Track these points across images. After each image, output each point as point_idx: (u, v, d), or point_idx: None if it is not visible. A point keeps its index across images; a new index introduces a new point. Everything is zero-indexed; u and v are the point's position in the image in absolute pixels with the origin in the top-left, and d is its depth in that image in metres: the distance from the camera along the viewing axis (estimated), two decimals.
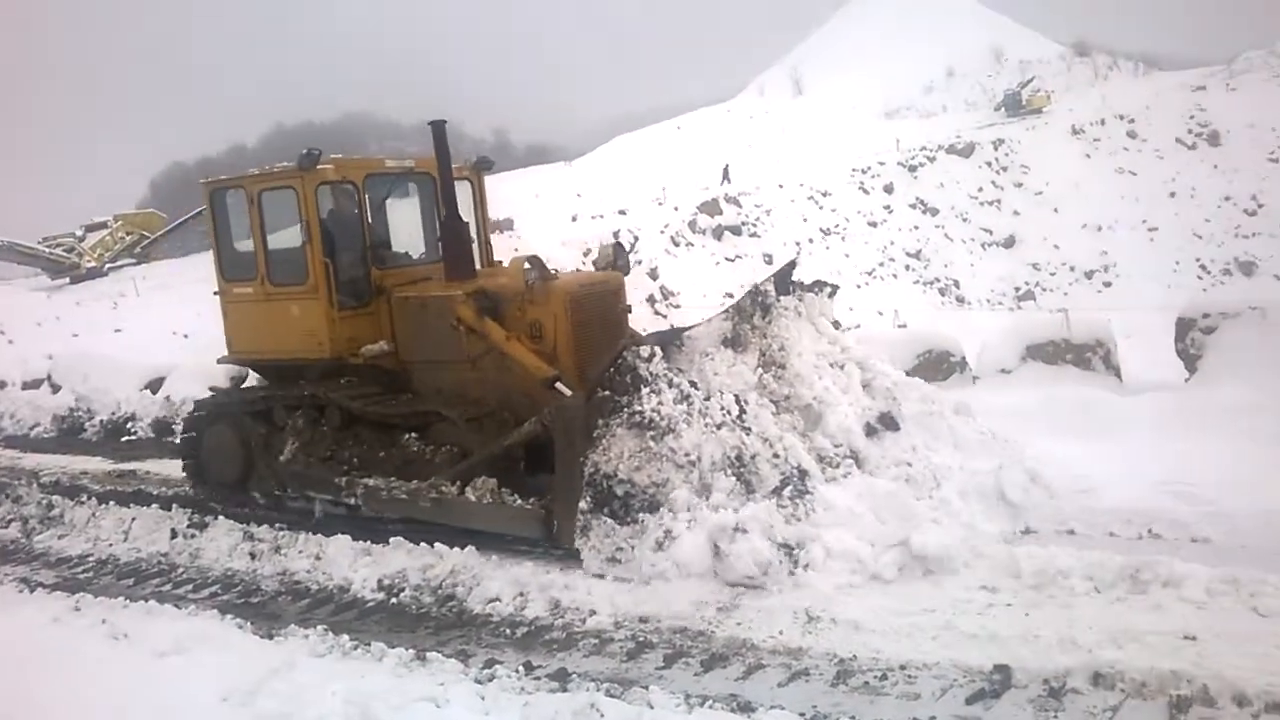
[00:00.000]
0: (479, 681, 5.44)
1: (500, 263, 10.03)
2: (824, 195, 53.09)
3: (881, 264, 50.44)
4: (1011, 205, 54.77)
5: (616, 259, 9.17)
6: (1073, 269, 50.90)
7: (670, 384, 6.94)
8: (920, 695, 4.88)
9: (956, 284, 50.26)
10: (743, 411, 7.15)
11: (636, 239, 41.61)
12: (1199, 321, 9.77)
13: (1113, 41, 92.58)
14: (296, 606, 7.11)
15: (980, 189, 55.42)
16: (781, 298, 8.01)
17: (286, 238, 9.39)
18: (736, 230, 47.51)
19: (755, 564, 6.13)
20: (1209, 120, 57.88)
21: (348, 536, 7.92)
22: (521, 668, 5.61)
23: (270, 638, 6.26)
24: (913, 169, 56.24)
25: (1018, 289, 50.35)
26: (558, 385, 7.74)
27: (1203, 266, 49.46)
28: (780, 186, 52.15)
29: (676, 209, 47.57)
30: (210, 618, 6.74)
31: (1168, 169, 55.38)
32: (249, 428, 9.41)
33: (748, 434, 7.03)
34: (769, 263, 41.28)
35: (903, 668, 5.13)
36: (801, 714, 4.77)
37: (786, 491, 6.80)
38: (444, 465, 8.01)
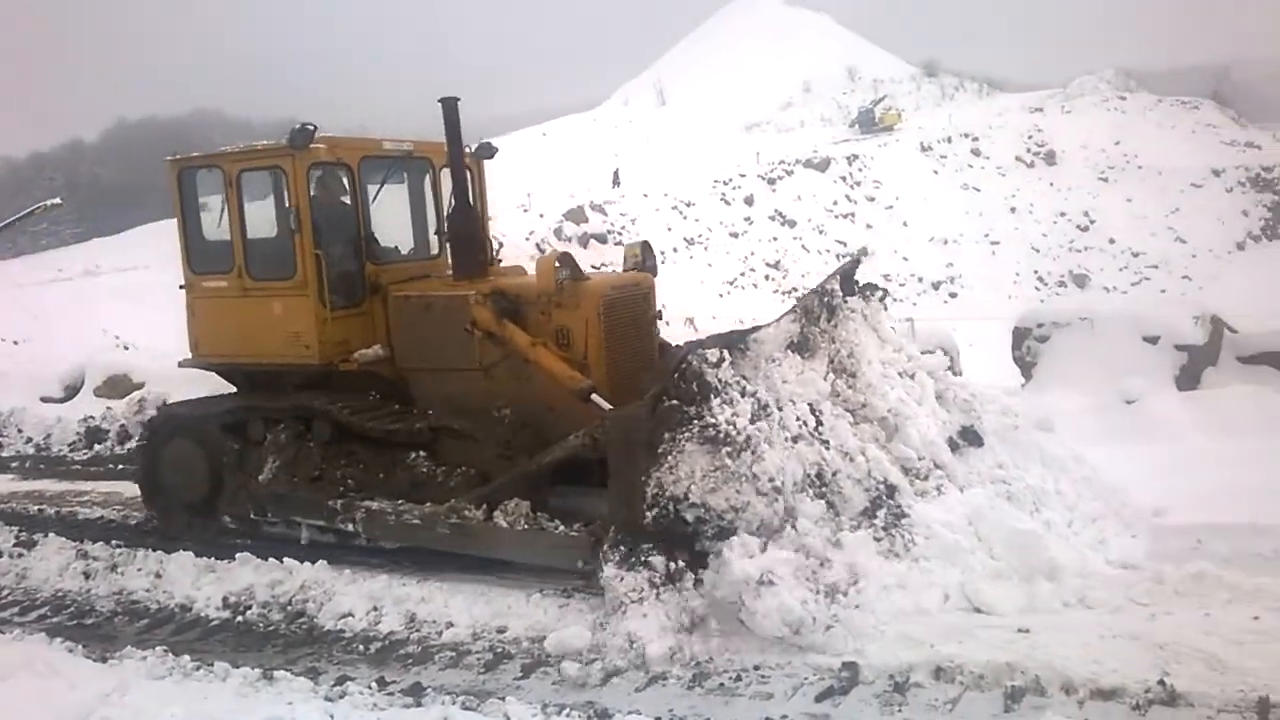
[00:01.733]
0: (329, 699, 5.27)
1: (499, 262, 9.03)
2: (687, 205, 53.92)
3: (742, 273, 51.53)
4: (865, 218, 56.76)
5: (645, 259, 8.26)
6: (921, 280, 53.04)
7: (744, 393, 6.09)
8: (773, 695, 4.99)
9: None
10: (819, 423, 6.39)
11: (500, 244, 41.21)
12: (1034, 330, 10.36)
13: (959, 64, 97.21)
14: (134, 627, 6.74)
15: (835, 202, 57.24)
16: (848, 299, 7.30)
17: (269, 226, 8.33)
18: (602, 238, 47.71)
19: (785, 623, 5.32)
20: (1046, 140, 61.38)
21: (190, 553, 7.57)
22: (374, 684, 5.46)
23: (104, 660, 5.94)
24: (771, 182, 57.67)
25: None
26: (593, 398, 6.98)
27: (1040, 279, 52.32)
28: (645, 195, 52.71)
29: (542, 216, 47.49)
30: (37, 641, 6.32)
31: (1008, 186, 58.43)
32: (219, 443, 8.28)
33: (826, 448, 6.28)
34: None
35: (756, 668, 5.24)
36: (658, 718, 4.80)
37: (880, 516, 6.11)
38: (461, 487, 7.14)
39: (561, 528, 6.63)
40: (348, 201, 8.33)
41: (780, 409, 6.20)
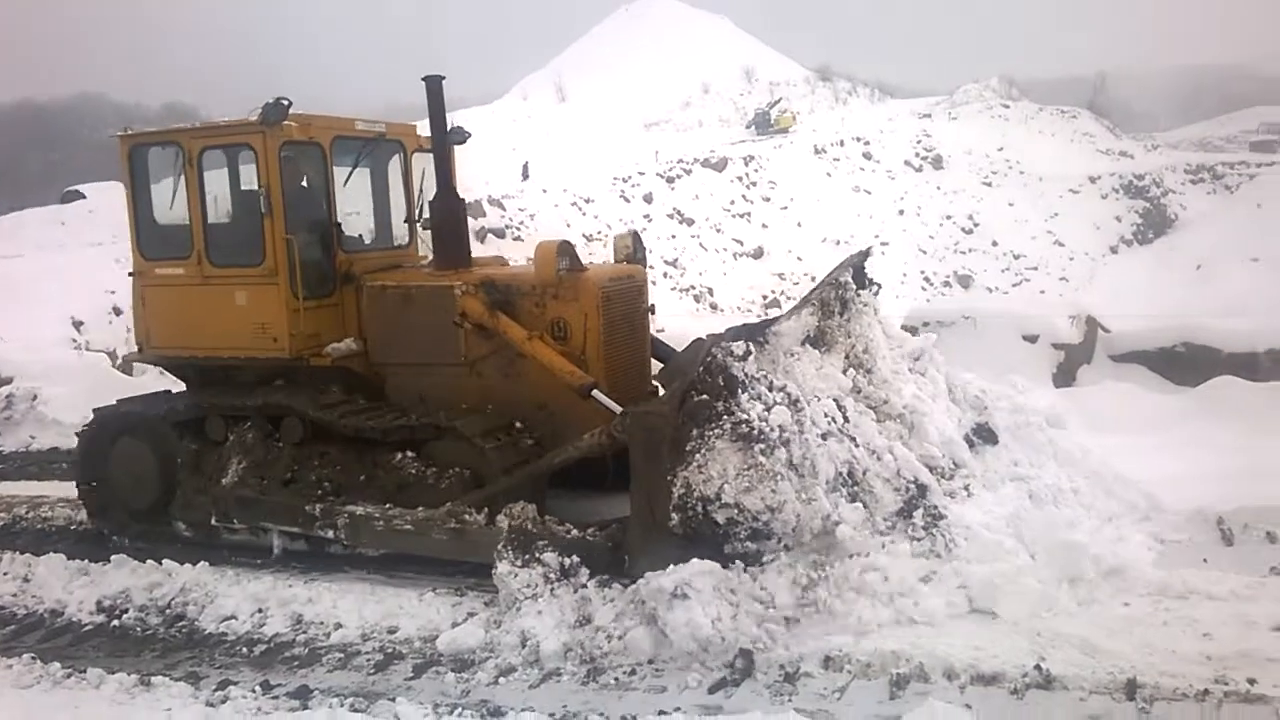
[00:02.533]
0: (210, 705, 5.11)
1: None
2: (586, 202, 53.80)
3: None
4: (760, 218, 57.59)
5: (636, 250, 7.88)
6: (814, 279, 54.05)
7: (771, 387, 5.88)
8: (666, 688, 5.01)
9: (710, 291, 52.21)
10: (846, 419, 6.19)
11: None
12: (920, 329, 10.63)
13: (852, 69, 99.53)
14: None
15: (732, 202, 57.92)
16: (860, 292, 7.02)
17: (234, 208, 7.83)
18: (500, 233, 47.24)
19: (694, 639, 5.17)
20: (933, 145, 63.33)
21: (62, 555, 7.22)
22: (258, 687, 5.30)
23: None
24: (670, 180, 58.02)
25: (765, 297, 52.94)
26: (595, 394, 6.65)
27: (927, 279, 53.92)
28: (544, 191, 52.41)
29: None
30: None
31: (898, 189, 60.08)
32: (172, 444, 7.70)
33: (855, 445, 6.07)
34: None
35: (650, 662, 5.26)
36: (551, 714, 4.78)
37: (917, 516, 5.90)
38: (455, 490, 6.70)
39: (575, 531, 6.25)
40: (318, 184, 7.82)
41: (809, 404, 5.98)
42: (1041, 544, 5.80)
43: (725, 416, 5.63)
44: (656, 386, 7.57)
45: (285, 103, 7.21)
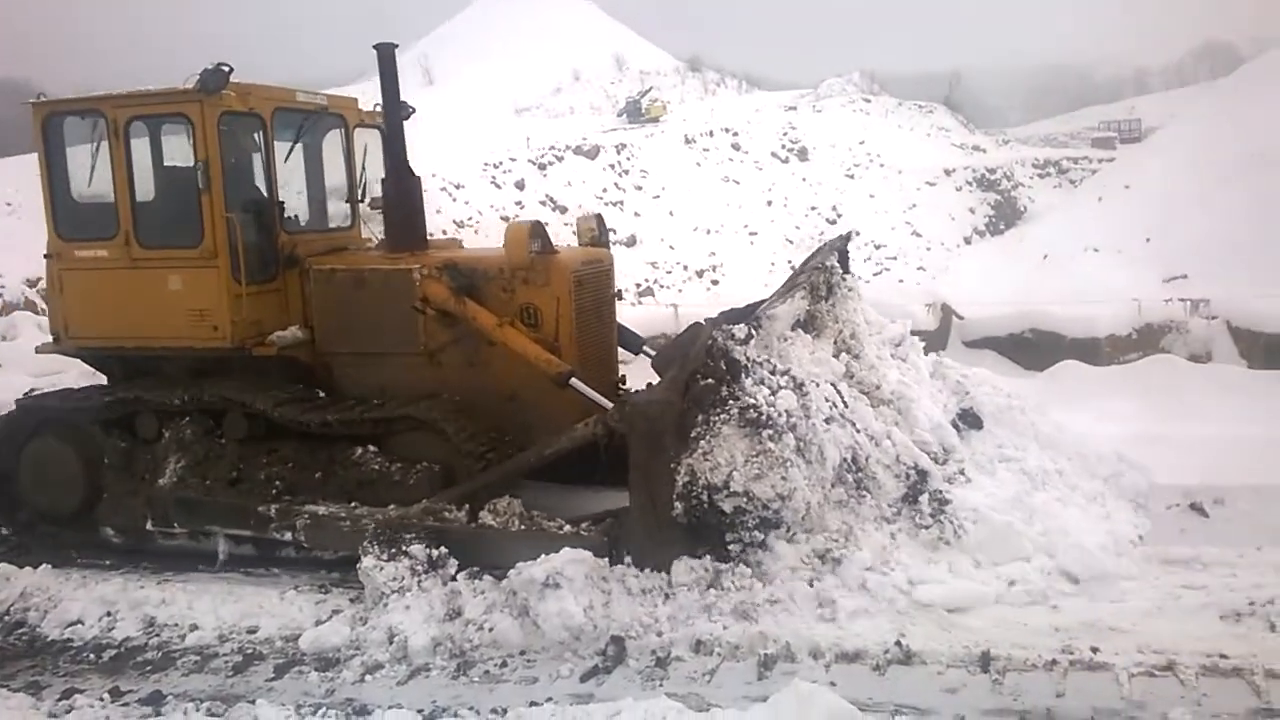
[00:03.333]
0: (53, 715, 4.83)
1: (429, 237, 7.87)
2: (457, 187, 52.92)
3: None
4: (633, 207, 57.79)
5: (600, 233, 7.57)
6: (686, 268, 54.64)
7: (774, 371, 5.71)
8: (538, 679, 4.98)
9: None
10: (845, 404, 6.07)
11: None
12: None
13: (721, 60, 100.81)
14: None
15: (605, 190, 57.92)
16: (846, 276, 6.87)
17: (165, 184, 7.24)
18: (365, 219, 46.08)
19: (565, 627, 5.14)
20: (799, 138, 64.73)
21: None
22: (107, 695, 5.04)
23: None
24: (543, 167, 57.61)
25: (639, 285, 53.19)
26: (573, 383, 6.36)
27: (793, 268, 55.00)
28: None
29: (300, 193, 45.22)
30: None
31: (765, 179, 61.17)
32: (97, 442, 7.07)
33: (857, 431, 5.95)
34: None
35: (522, 653, 5.21)
36: (420, 711, 4.68)
37: (923, 502, 5.80)
38: (423, 486, 6.31)
39: (567, 526, 5.94)
40: (257, 159, 7.24)
41: (812, 389, 5.85)
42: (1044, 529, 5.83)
43: (731, 401, 5.49)
44: (623, 375, 7.57)
45: (226, 69, 6.64)
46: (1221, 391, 9.53)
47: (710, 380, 5.55)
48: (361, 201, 8.14)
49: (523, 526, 6.01)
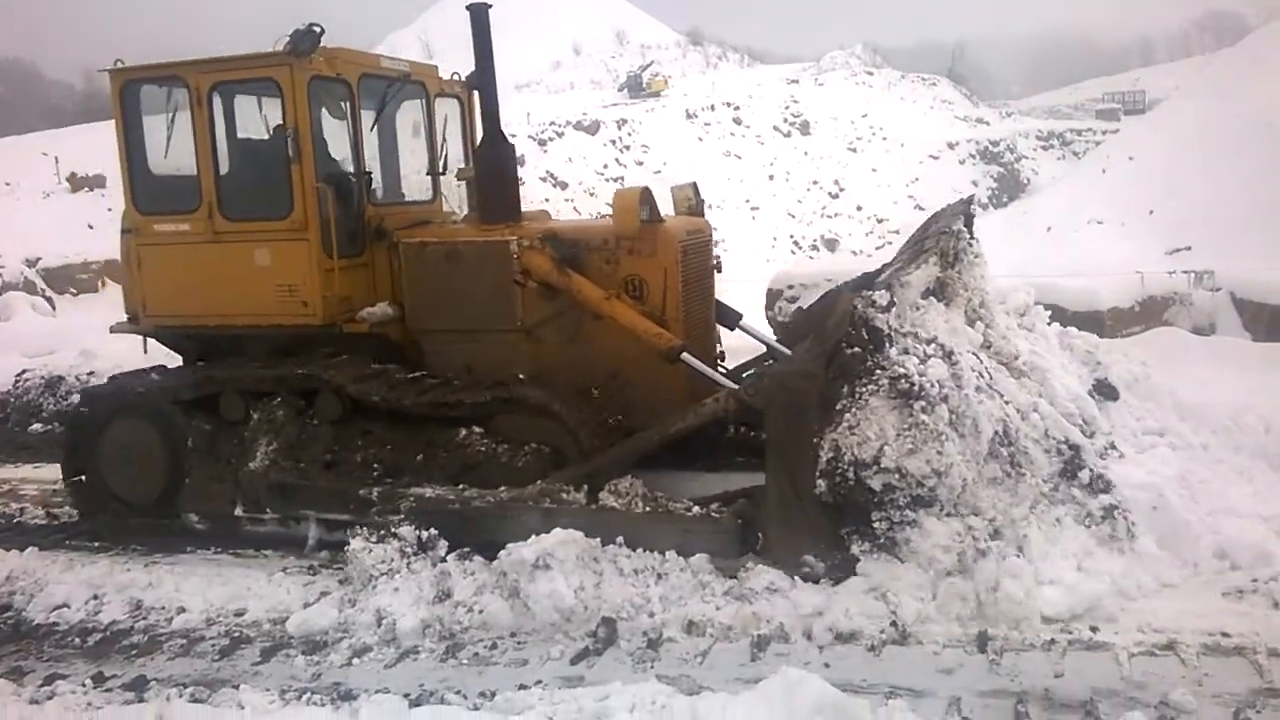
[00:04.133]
0: (35, 701, 4.75)
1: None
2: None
3: None
4: (634, 182, 57.48)
5: (697, 201, 7.21)
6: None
7: (918, 339, 5.33)
8: (528, 661, 4.90)
9: None
10: (990, 375, 5.65)
11: None
12: (784, 291, 10.76)
13: (722, 33, 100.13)
14: None
15: (606, 166, 57.65)
16: (973, 241, 6.47)
17: (252, 154, 7.02)
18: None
19: (556, 609, 5.05)
20: (801, 111, 64.32)
21: None
22: (90, 680, 4.96)
23: None
24: (543, 143, 57.29)
25: None
26: (684, 357, 6.10)
27: (795, 242, 54.93)
28: (411, 154, 51.14)
29: None
30: None
31: (767, 154, 60.84)
32: (179, 425, 6.80)
33: (1006, 403, 5.53)
34: None
35: (513, 635, 5.13)
36: (407, 695, 4.60)
37: (1082, 480, 5.34)
38: (534, 468, 6.06)
39: (696, 509, 5.69)
40: (346, 127, 6.94)
41: (961, 358, 5.47)
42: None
43: (879, 371, 5.14)
44: (723, 351, 7.34)
45: (317, 29, 6.30)
46: (1225, 365, 9.40)
47: (857, 349, 5.21)
48: (443, 174, 7.82)
49: (648, 509, 5.74)
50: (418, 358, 6.91)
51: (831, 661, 4.66)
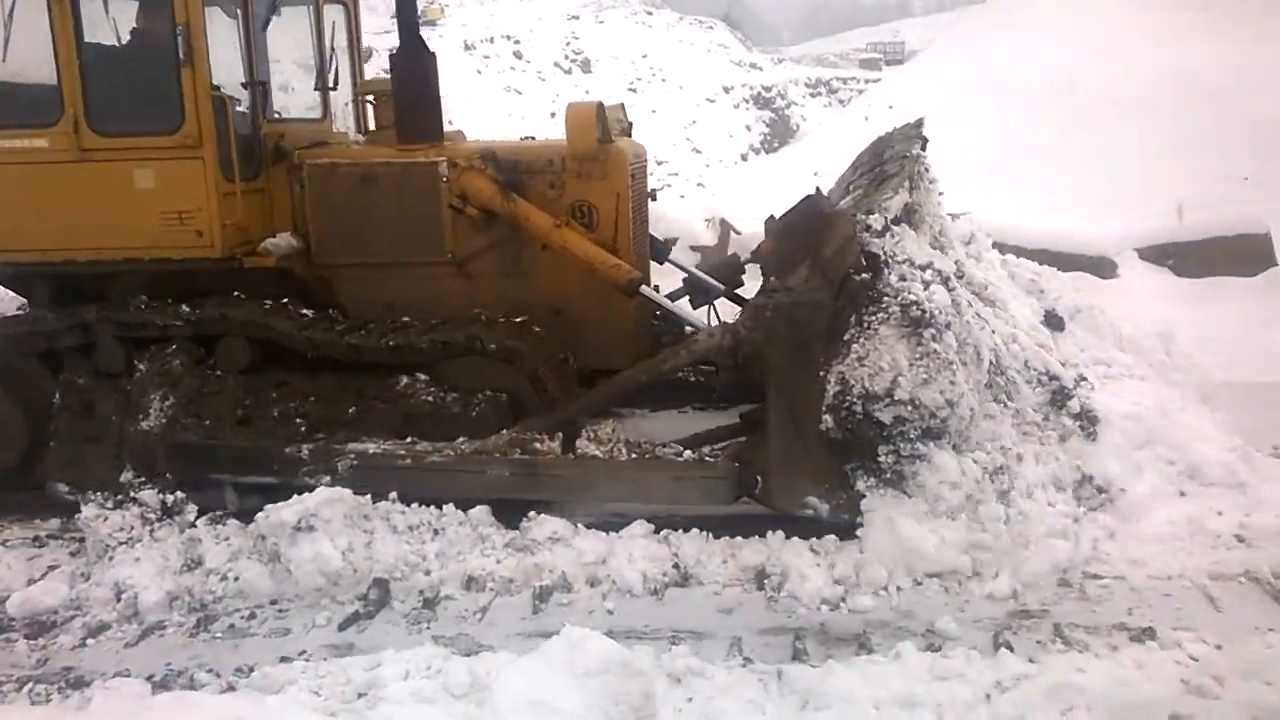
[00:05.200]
0: None
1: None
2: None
3: None
4: None
5: (627, 123, 6.60)
6: None
7: (913, 265, 4.94)
8: (290, 630, 4.53)
9: None
10: (972, 303, 5.33)
11: None
12: None
13: None
14: None
15: None
16: (929, 166, 6.05)
17: (124, 57, 5.90)
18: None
19: (321, 573, 4.70)
20: (581, 49, 63.83)
21: None
22: None
23: None
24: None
25: None
26: (644, 290, 5.63)
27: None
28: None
29: None
30: None
31: (548, 90, 60.01)
32: (37, 381, 5.82)
33: (993, 332, 5.28)
34: None
35: (273, 603, 4.74)
36: (151, 676, 4.14)
37: (1071, 407, 5.22)
38: (491, 419, 5.44)
39: (688, 453, 5.26)
40: (234, 30, 5.99)
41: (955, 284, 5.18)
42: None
43: (887, 299, 4.79)
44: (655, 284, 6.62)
45: None
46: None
47: (865, 276, 4.86)
48: (334, 89, 6.90)
49: (633, 456, 5.28)
50: (324, 295, 6.18)
51: (615, 608, 4.57)
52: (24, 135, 5.76)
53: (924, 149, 6.28)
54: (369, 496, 5.06)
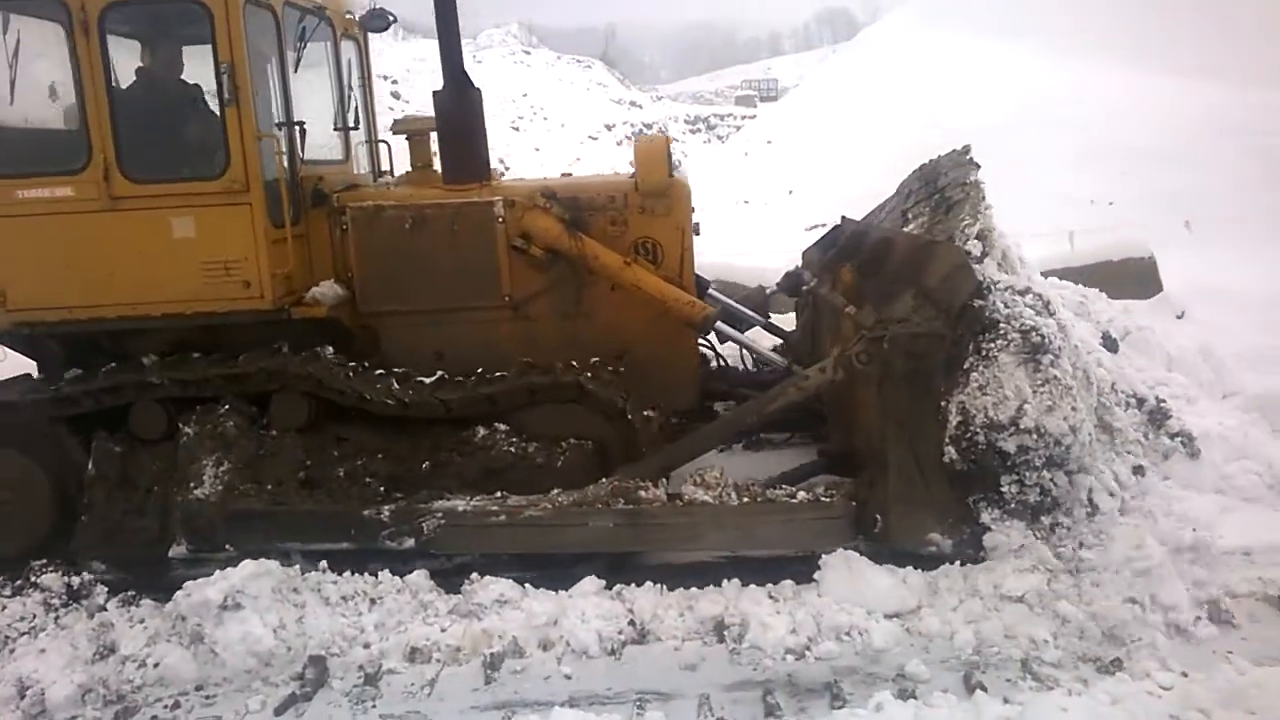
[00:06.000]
0: None
1: (389, 173, 6.64)
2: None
3: None
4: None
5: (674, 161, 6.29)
6: None
7: (1014, 290, 4.79)
8: (221, 717, 4.17)
9: None
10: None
11: None
12: None
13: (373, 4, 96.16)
14: None
15: None
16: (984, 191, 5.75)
17: (150, 100, 5.49)
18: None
19: (251, 654, 4.37)
20: None
21: None
22: None
23: None
24: None
25: None
26: (721, 326, 5.61)
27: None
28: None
29: None
30: None
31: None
32: (68, 450, 5.40)
33: (1087, 354, 5.13)
34: None
35: (199, 689, 4.36)
36: None
37: (1169, 428, 5.20)
38: (578, 469, 5.16)
39: (802, 494, 4.96)
40: (273, 66, 5.63)
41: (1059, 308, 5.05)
42: None
43: (1004, 325, 4.68)
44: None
45: None
46: None
47: (983, 303, 4.74)
48: (354, 129, 6.61)
49: (744, 500, 4.98)
50: (369, 344, 5.86)
51: (573, 672, 4.36)
52: (43, 184, 5.34)
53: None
54: (297, 568, 4.74)
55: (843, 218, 6.96)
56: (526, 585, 4.82)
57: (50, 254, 5.39)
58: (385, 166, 6.88)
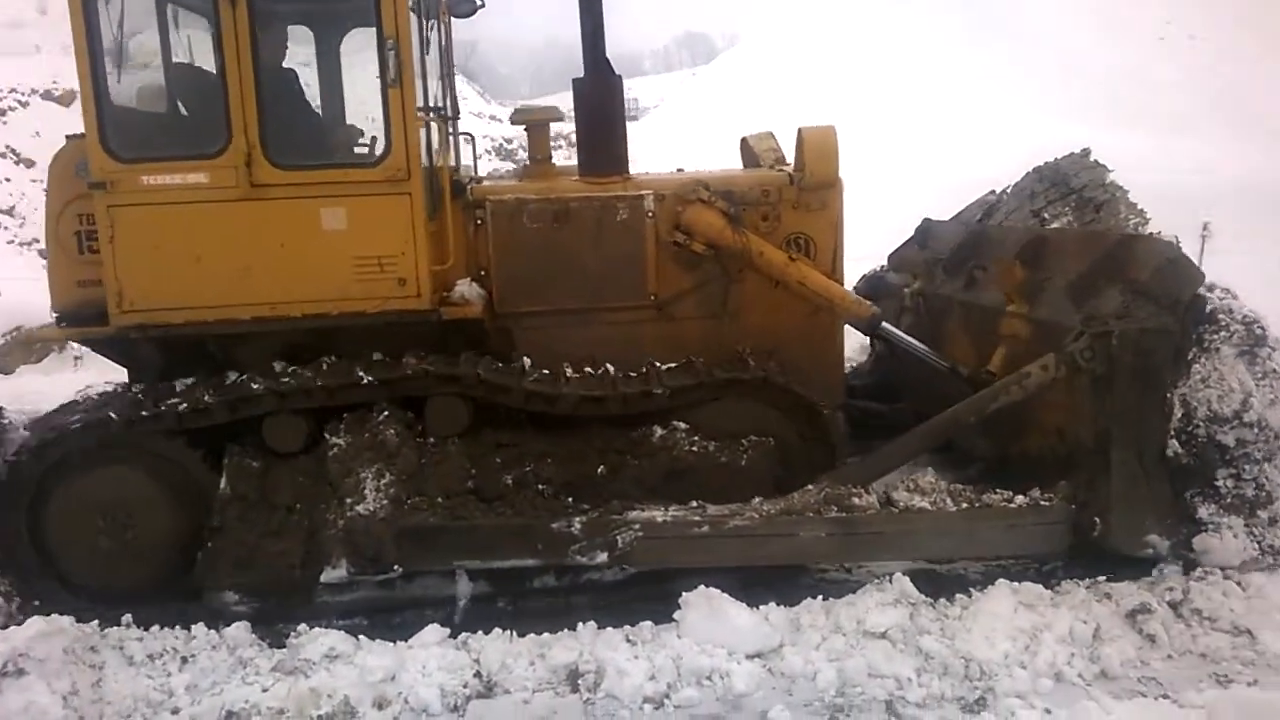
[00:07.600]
0: None
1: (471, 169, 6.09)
2: None
3: None
4: None
5: (780, 152, 6.16)
6: None
7: (1210, 288, 4.76)
8: None
9: None
10: None
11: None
12: None
13: None
14: None
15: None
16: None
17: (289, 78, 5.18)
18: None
19: None
20: (314, 97, 61.61)
21: None
22: None
23: None
24: (1, 113, 48.80)
25: None
26: (885, 326, 5.45)
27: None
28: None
29: None
30: None
31: None
32: (197, 469, 4.88)
33: None
34: None
35: None
36: None
37: None
38: (761, 467, 4.95)
39: (1020, 498, 4.77)
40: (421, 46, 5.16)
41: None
42: None
43: (1223, 315, 4.65)
44: None
45: None
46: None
47: (1210, 295, 4.74)
48: (455, 117, 6.03)
49: (963, 505, 4.78)
50: (504, 345, 5.42)
51: None
52: (172, 169, 4.74)
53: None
54: (95, 623, 4.20)
55: (925, 219, 7.15)
56: (360, 637, 4.39)
57: (177, 248, 4.80)
58: (466, 161, 6.27)
